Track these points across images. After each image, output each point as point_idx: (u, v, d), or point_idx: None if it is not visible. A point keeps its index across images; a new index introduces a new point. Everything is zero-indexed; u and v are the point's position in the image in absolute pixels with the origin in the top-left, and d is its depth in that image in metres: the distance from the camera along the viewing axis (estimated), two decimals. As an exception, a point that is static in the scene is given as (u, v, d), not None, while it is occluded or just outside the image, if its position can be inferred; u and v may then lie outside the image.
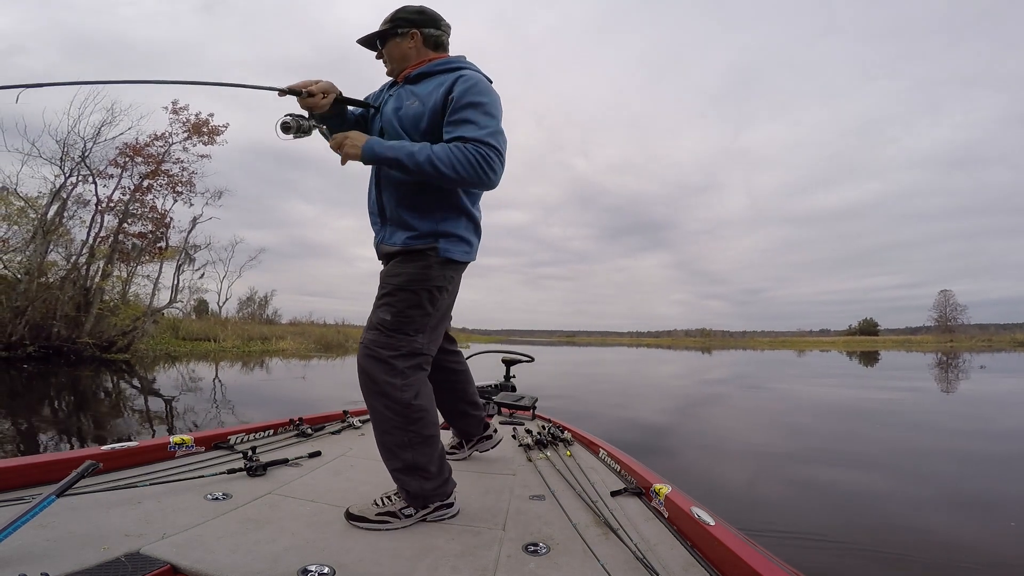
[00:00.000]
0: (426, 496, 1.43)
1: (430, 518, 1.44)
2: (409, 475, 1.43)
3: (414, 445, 1.44)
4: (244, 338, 22.62)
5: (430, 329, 1.54)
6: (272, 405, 6.96)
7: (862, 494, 3.32)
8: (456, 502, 1.50)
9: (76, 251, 14.34)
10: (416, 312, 1.49)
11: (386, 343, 1.46)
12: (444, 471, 1.49)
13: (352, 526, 1.36)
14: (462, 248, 1.55)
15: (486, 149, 1.36)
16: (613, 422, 5.99)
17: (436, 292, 1.51)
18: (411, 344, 1.48)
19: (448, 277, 1.55)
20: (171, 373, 11.24)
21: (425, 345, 1.52)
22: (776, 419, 6.65)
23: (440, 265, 1.52)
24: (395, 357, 1.45)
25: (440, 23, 1.59)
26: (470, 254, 1.59)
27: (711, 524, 1.18)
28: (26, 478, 1.39)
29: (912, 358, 26.46)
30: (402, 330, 1.47)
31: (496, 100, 1.48)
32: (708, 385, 11.51)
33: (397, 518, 1.39)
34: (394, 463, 1.45)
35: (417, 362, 1.50)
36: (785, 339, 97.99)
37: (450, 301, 1.64)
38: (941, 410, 7.76)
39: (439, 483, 1.45)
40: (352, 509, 1.42)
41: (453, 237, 1.53)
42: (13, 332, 12.33)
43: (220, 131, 15.62)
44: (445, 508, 1.46)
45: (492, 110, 1.44)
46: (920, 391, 10.39)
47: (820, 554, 2.36)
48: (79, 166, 13.54)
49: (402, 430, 1.43)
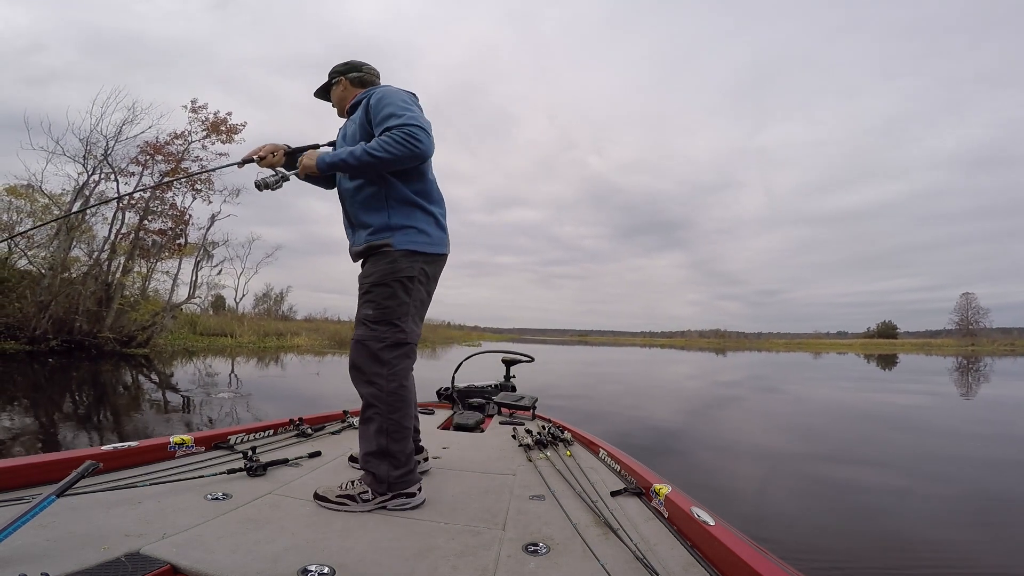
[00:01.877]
0: (391, 482, 1.52)
1: (390, 506, 1.51)
2: (379, 459, 1.54)
3: (390, 432, 1.56)
4: (260, 334, 22.96)
5: (410, 317, 1.68)
6: (289, 401, 7.02)
7: (880, 502, 3.23)
8: (420, 495, 1.56)
9: (98, 247, 14.72)
10: (393, 303, 1.64)
11: (372, 336, 1.62)
12: (411, 463, 1.58)
13: (319, 506, 1.48)
14: (421, 239, 1.70)
15: (409, 127, 1.56)
16: (626, 423, 5.94)
17: (407, 282, 1.66)
18: (395, 334, 1.63)
19: (416, 268, 1.68)
20: (189, 368, 11.44)
21: (409, 333, 1.66)
22: (791, 422, 6.52)
23: (404, 257, 1.67)
24: (382, 348, 1.61)
25: (362, 68, 1.93)
26: (433, 245, 1.72)
27: (711, 524, 1.18)
28: (26, 478, 1.41)
29: (932, 361, 25.83)
30: (385, 321, 1.63)
31: (408, 98, 1.69)
32: (722, 387, 11.35)
33: (355, 501, 1.50)
34: (368, 446, 1.57)
35: (403, 351, 1.64)
36: (801, 341, 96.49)
37: (425, 292, 1.76)
38: (962, 415, 7.54)
39: (405, 472, 1.55)
40: (318, 490, 1.55)
41: (407, 228, 1.68)
42: (37, 326, 12.68)
43: (238, 130, 15.89)
44: (406, 498, 1.54)
45: (405, 104, 1.65)
46: (940, 395, 10.12)
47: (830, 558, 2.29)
48: (101, 164, 13.87)
49: (383, 416, 1.57)
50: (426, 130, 1.60)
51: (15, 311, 12.71)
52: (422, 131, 1.58)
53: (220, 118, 15.61)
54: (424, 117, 1.66)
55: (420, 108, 1.72)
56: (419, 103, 1.76)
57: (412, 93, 1.77)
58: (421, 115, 1.66)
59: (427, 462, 2.01)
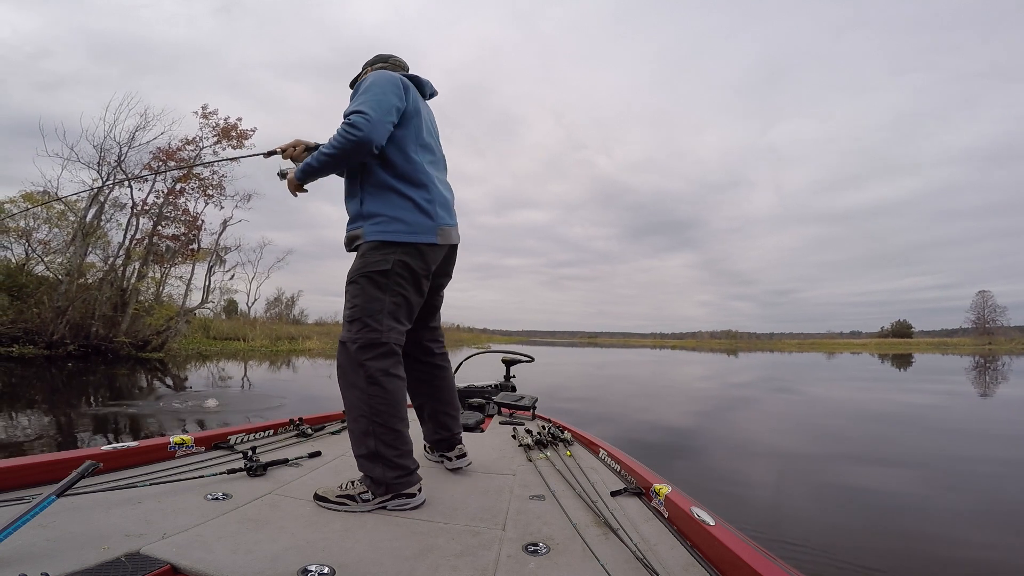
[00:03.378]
0: (387, 484, 1.47)
1: (390, 506, 1.47)
2: (372, 462, 1.49)
3: (377, 434, 1.50)
4: (272, 338, 23.24)
5: (386, 315, 1.57)
6: (307, 403, 7.08)
7: (903, 504, 3.15)
8: (420, 495, 1.52)
9: (113, 253, 15.00)
10: (361, 299, 1.57)
11: (347, 336, 1.57)
12: (409, 463, 1.52)
13: (319, 506, 1.46)
14: (395, 227, 1.59)
15: (348, 117, 1.53)
16: (636, 425, 5.89)
17: (379, 276, 1.57)
18: (367, 334, 1.54)
19: (391, 260, 1.57)
20: (202, 372, 11.59)
21: (384, 333, 1.55)
22: (808, 423, 6.42)
23: (374, 248, 1.59)
24: (357, 349, 1.54)
25: (388, 59, 1.92)
26: (412, 233, 1.60)
27: (711, 524, 1.18)
28: (26, 478, 1.41)
29: (948, 361, 25.31)
30: (356, 320, 1.56)
31: (381, 82, 1.62)
32: (735, 388, 11.23)
33: (355, 501, 1.46)
34: (359, 449, 1.53)
35: (379, 351, 1.54)
36: (814, 341, 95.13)
37: (412, 286, 1.63)
38: (981, 415, 7.36)
39: (401, 474, 1.49)
40: (319, 490, 1.51)
41: (379, 217, 1.60)
42: (55, 331, 12.94)
43: (248, 135, 16.11)
44: (406, 498, 1.49)
45: (367, 90, 1.59)
46: (959, 395, 9.90)
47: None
48: (115, 170, 14.13)
49: (367, 419, 1.51)
50: (367, 114, 1.51)
51: (33, 317, 12.99)
52: (361, 117, 1.50)
53: (230, 124, 15.85)
54: (388, 99, 1.58)
55: (399, 92, 1.64)
56: (405, 87, 1.68)
57: (404, 77, 1.73)
58: (383, 98, 1.57)
59: (462, 459, 1.89)
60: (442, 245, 1.70)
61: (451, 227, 1.74)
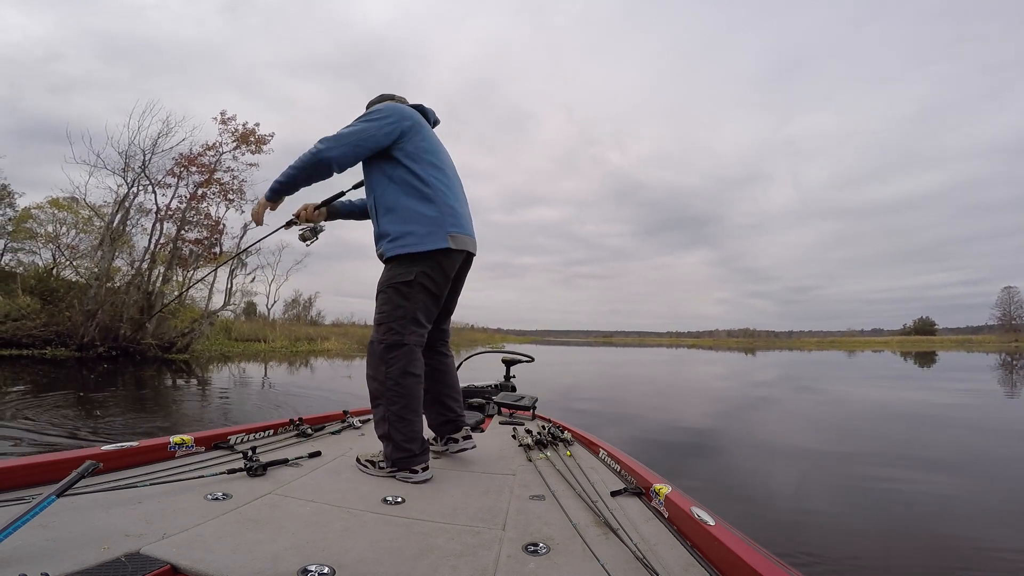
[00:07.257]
0: (393, 460, 1.77)
1: (398, 476, 1.77)
2: (385, 441, 1.81)
3: (390, 420, 1.79)
4: (291, 339, 23.67)
5: (409, 320, 1.85)
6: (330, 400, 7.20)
7: (931, 505, 3.04)
8: (425, 473, 1.77)
9: (139, 257, 15.44)
10: (388, 307, 1.85)
11: (375, 337, 1.87)
12: (414, 447, 1.77)
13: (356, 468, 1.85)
14: (407, 241, 1.83)
15: (321, 140, 1.82)
16: (654, 425, 5.81)
17: (404, 287, 1.84)
18: (391, 336, 1.83)
19: (414, 271, 1.84)
20: (224, 372, 11.84)
21: (405, 336, 1.84)
22: (832, 423, 6.24)
23: (395, 264, 1.87)
24: (383, 349, 1.83)
25: (387, 97, 2.10)
26: (423, 243, 1.83)
27: (711, 524, 1.17)
28: (26, 478, 1.43)
29: (973, 359, 24.41)
30: (383, 324, 1.85)
31: (375, 111, 1.89)
32: (755, 387, 11.01)
33: (374, 466, 1.83)
34: (378, 429, 1.85)
35: (400, 352, 1.82)
36: (834, 339, 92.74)
37: (432, 291, 1.89)
38: (1011, 416, 7.06)
39: (405, 455, 1.76)
40: (359, 455, 1.91)
41: (393, 235, 1.86)
42: (85, 334, 13.38)
43: (266, 140, 16.39)
44: (410, 472, 1.76)
45: (359, 118, 1.88)
46: (985, 393, 9.55)
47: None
48: (140, 176, 14.54)
49: (384, 407, 1.82)
50: (333, 138, 1.80)
51: (64, 320, 13.46)
52: (326, 141, 1.79)
53: (249, 129, 16.16)
54: (368, 130, 1.82)
55: (395, 118, 1.87)
56: (409, 114, 1.93)
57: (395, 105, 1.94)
58: (363, 128, 1.83)
59: (468, 440, 2.11)
60: (458, 251, 1.91)
61: (464, 235, 1.93)
